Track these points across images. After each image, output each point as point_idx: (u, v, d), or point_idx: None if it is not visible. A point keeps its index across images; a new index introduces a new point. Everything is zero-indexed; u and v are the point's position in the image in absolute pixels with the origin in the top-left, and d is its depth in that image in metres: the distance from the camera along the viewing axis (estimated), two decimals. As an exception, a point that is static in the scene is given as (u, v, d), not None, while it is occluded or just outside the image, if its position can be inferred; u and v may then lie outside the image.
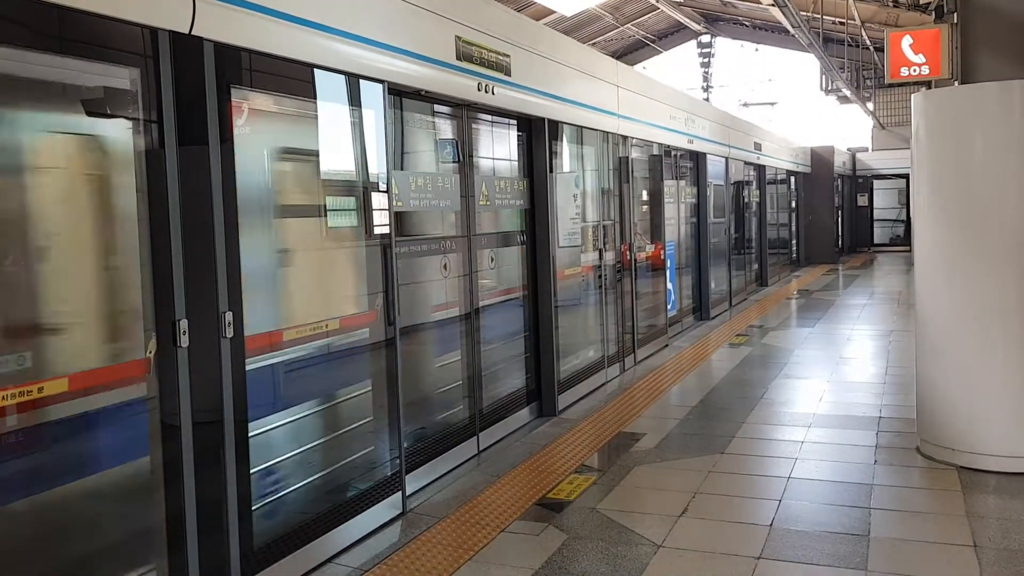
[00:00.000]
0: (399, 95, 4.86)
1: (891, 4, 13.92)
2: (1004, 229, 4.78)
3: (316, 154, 4.19)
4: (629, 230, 8.42)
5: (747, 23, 25.20)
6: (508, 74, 5.78)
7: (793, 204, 19.45)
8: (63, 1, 2.72)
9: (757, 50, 27.77)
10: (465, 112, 5.63)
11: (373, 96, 4.37)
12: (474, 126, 5.84)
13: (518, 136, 6.46)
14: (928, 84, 10.79)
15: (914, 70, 9.76)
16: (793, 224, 19.54)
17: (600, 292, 7.74)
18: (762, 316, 11.73)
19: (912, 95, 5.31)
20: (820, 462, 5.19)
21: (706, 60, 28.79)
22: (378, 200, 4.41)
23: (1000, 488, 4.61)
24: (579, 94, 7.12)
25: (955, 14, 6.00)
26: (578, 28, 21.05)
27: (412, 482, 4.75)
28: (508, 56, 5.78)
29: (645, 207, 9.46)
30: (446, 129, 5.61)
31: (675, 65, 29.33)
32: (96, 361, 3.14)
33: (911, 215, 6.47)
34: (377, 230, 4.40)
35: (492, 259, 6.11)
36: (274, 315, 3.94)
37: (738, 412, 6.41)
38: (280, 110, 3.96)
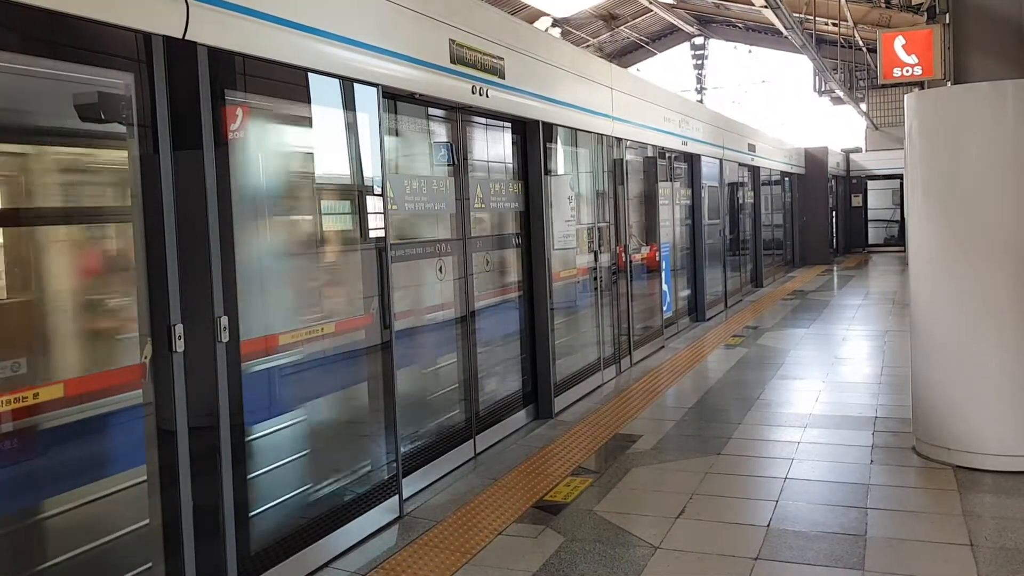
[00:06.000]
0: (393, 98, 4.86)
1: (883, 5, 13.98)
2: (998, 228, 4.79)
3: (311, 157, 4.18)
4: (624, 232, 8.43)
5: (740, 25, 25.29)
6: (502, 77, 5.79)
7: (788, 205, 19.50)
8: (57, 7, 2.72)
9: (751, 52, 27.91)
10: (459, 115, 5.63)
11: (367, 99, 4.37)
12: (468, 129, 5.85)
13: (512, 139, 6.46)
14: (921, 84, 10.85)
15: (907, 71, 9.80)
16: (788, 225, 19.58)
17: (596, 294, 7.74)
18: (758, 317, 11.74)
19: (905, 96, 5.33)
20: (816, 462, 5.20)
21: (699, 62, 28.92)
22: (373, 203, 4.40)
23: (996, 487, 4.62)
24: (573, 96, 7.12)
25: (947, 15, 6.02)
26: (573, 30, 21.09)
27: (409, 485, 4.75)
28: (502, 59, 5.79)
29: (640, 209, 9.47)
30: (441, 132, 5.61)
31: (669, 67, 29.46)
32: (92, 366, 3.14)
33: (905, 215, 6.49)
34: (372, 233, 4.40)
35: (487, 261, 6.11)
36: (270, 319, 3.93)
37: (734, 413, 6.42)
38: (274, 114, 3.95)
